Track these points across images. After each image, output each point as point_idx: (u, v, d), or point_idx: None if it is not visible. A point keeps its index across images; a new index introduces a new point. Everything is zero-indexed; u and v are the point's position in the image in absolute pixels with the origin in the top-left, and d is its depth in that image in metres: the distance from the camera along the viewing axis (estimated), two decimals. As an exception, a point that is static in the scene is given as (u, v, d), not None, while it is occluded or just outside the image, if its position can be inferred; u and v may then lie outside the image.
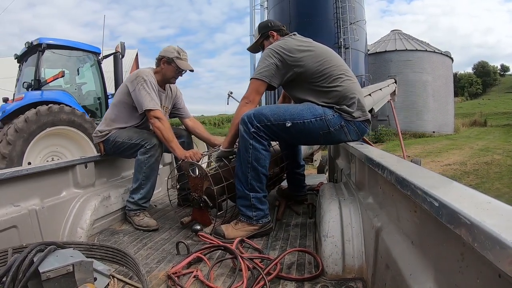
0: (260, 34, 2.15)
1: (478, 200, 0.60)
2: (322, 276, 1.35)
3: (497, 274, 0.46)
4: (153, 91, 2.24)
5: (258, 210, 1.85)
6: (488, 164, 9.42)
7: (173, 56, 2.31)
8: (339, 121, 1.82)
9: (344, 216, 1.42)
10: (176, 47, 2.36)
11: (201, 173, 1.97)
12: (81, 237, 1.91)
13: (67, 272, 1.12)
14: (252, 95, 1.90)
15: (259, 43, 2.18)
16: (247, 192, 1.84)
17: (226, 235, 1.81)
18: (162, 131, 2.18)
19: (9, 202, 1.62)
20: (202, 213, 2.01)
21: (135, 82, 2.24)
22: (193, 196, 2.02)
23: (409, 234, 0.87)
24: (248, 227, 1.85)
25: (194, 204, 2.03)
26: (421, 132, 17.63)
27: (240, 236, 1.79)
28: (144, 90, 2.21)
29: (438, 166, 9.63)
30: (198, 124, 2.71)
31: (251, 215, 1.84)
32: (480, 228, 0.46)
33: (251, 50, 2.29)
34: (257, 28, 2.21)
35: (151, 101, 2.20)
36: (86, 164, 2.20)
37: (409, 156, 10.61)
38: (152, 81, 2.26)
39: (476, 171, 8.74)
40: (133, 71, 2.51)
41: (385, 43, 19.42)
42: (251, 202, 1.84)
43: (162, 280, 1.40)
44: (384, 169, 0.97)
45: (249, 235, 1.84)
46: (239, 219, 1.88)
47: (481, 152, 11.49)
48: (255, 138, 1.79)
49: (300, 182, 2.54)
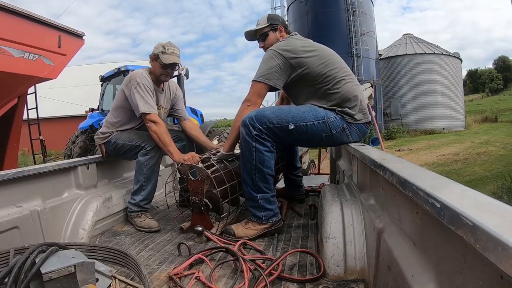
0: (268, 24, 2.06)
1: (480, 201, 0.59)
2: (323, 277, 1.35)
3: (499, 275, 0.45)
4: (147, 93, 2.19)
5: (267, 210, 1.84)
6: (479, 154, 9.83)
7: (158, 51, 2.22)
8: (341, 124, 1.81)
9: (346, 217, 1.41)
10: (163, 42, 2.26)
11: (202, 175, 1.95)
12: (82, 238, 1.91)
13: (69, 273, 1.12)
14: (254, 97, 1.88)
15: (262, 32, 2.08)
16: (254, 194, 1.83)
17: (236, 234, 1.82)
18: (158, 135, 2.14)
19: (11, 203, 1.63)
20: (203, 216, 1.99)
21: (130, 85, 2.20)
22: (193, 200, 1.99)
23: (411, 236, 0.87)
24: (258, 226, 1.85)
25: (195, 208, 2.00)
26: (431, 129, 18.57)
27: (251, 235, 1.81)
28: (138, 93, 2.16)
29: (434, 156, 10.17)
30: (195, 127, 2.65)
31: (260, 216, 1.84)
32: (482, 229, 0.46)
33: (249, 35, 2.17)
34: (265, 16, 2.10)
35: (145, 104, 2.16)
36: (88, 165, 2.20)
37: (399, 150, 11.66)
38: (145, 83, 2.20)
39: (466, 160, 9.19)
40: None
41: (396, 47, 20.60)
42: (259, 203, 1.84)
43: (163, 281, 1.40)
44: (386, 171, 0.96)
45: (260, 233, 1.84)
46: (249, 219, 1.88)
47: (479, 145, 11.82)
48: (257, 141, 1.77)
49: (298, 182, 2.54)
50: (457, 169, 8.03)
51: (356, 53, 16.21)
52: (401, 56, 19.51)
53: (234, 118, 1.99)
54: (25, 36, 3.48)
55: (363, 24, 16.34)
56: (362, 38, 16.23)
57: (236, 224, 1.90)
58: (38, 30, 3.64)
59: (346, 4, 16.29)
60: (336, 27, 16.42)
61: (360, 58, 16.20)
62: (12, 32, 3.33)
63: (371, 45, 16.96)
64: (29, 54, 3.56)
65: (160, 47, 2.23)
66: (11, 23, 3.32)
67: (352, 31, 16.28)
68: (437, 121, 19.02)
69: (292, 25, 17.85)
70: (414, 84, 18.92)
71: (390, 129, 17.37)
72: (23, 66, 3.52)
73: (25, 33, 3.48)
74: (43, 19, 3.68)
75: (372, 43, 17.33)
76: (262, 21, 2.10)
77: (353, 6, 16.20)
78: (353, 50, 16.19)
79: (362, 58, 16.23)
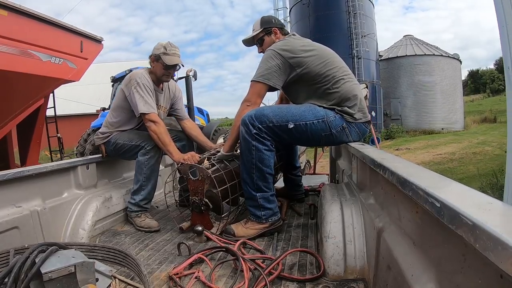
0: (262, 28, 2.06)
1: (479, 200, 0.59)
2: (323, 277, 1.35)
3: (498, 274, 0.46)
4: (147, 93, 2.19)
5: (266, 210, 1.84)
6: (475, 154, 9.93)
7: (160, 52, 2.23)
8: (341, 123, 1.81)
9: (346, 217, 1.41)
10: (164, 43, 2.27)
11: (202, 175, 1.94)
12: (82, 238, 1.91)
13: (69, 273, 1.12)
14: (253, 98, 1.88)
15: (258, 37, 2.09)
16: (253, 193, 1.83)
17: (236, 234, 1.82)
18: (158, 135, 2.14)
19: (10, 203, 1.63)
20: (203, 216, 1.98)
21: (129, 85, 2.21)
22: (193, 200, 1.98)
23: (411, 235, 0.87)
24: (257, 225, 1.85)
25: (195, 208, 1.99)
26: (430, 129, 18.71)
27: (250, 235, 1.81)
28: (137, 93, 2.16)
29: (430, 156, 10.28)
30: (194, 126, 2.65)
31: (259, 215, 1.84)
32: (481, 228, 0.46)
33: (247, 43, 2.17)
34: (258, 20, 2.10)
35: (145, 104, 2.16)
36: (88, 165, 2.20)
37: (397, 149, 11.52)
38: (145, 83, 2.20)
39: (461, 159, 9.31)
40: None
41: (397, 48, 20.72)
42: (259, 202, 1.84)
43: (163, 281, 1.40)
44: (386, 170, 0.96)
45: (259, 233, 1.84)
46: (249, 218, 1.88)
47: (476, 145, 11.88)
48: (257, 139, 1.77)
49: (297, 181, 2.54)
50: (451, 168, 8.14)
51: (356, 55, 16.61)
52: (401, 57, 19.66)
53: (234, 118, 1.99)
54: (52, 41, 3.71)
55: (363, 26, 16.75)
56: (362, 40, 16.62)
57: (235, 224, 1.90)
58: (63, 35, 3.89)
59: (347, 6, 16.71)
60: (338, 29, 16.80)
61: (360, 60, 16.60)
62: (41, 38, 3.55)
63: (371, 46, 17.35)
64: (55, 58, 3.79)
65: (161, 47, 2.23)
66: (40, 30, 3.53)
67: (353, 33, 16.70)
68: (436, 121, 19.17)
69: (295, 26, 18.32)
70: (413, 84, 19.11)
71: (390, 129, 17.54)
72: (50, 69, 3.76)
73: (52, 38, 3.71)
74: (67, 25, 3.90)
75: (373, 44, 17.71)
76: (256, 26, 2.10)
77: (354, 9, 16.61)
78: (353, 52, 16.60)
79: (362, 59, 16.64)
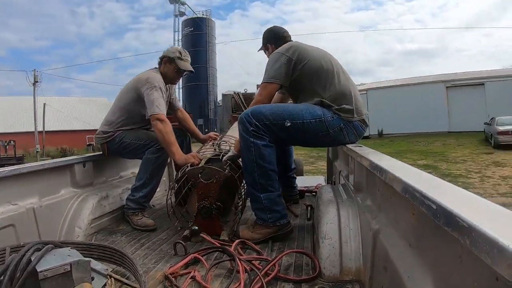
0: (263, 45, 2.24)
1: (476, 203, 0.60)
2: (319, 278, 1.35)
3: (494, 277, 0.46)
4: (161, 98, 2.21)
5: (272, 212, 1.77)
6: None
7: (174, 56, 2.32)
8: (338, 123, 1.82)
9: (342, 218, 1.42)
10: (179, 48, 2.41)
11: (218, 177, 1.84)
12: (78, 237, 1.91)
13: (65, 272, 1.12)
14: (266, 99, 1.89)
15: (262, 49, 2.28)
16: (257, 194, 1.77)
17: (241, 238, 1.77)
18: (163, 133, 2.11)
19: (6, 200, 1.62)
20: (211, 222, 1.87)
21: (145, 87, 2.21)
22: (203, 205, 1.85)
23: (407, 237, 0.87)
24: (264, 229, 1.78)
25: (203, 214, 1.86)
26: None
27: (256, 240, 1.76)
28: (152, 95, 2.17)
29: None
30: (186, 116, 2.72)
31: (265, 217, 1.77)
32: (477, 231, 0.47)
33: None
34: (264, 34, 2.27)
35: (158, 107, 2.16)
36: (85, 163, 2.19)
37: None
38: (162, 88, 2.25)
39: None
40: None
41: None
42: (264, 204, 1.77)
43: (159, 281, 1.39)
44: (382, 172, 0.97)
45: (266, 238, 1.78)
46: (256, 222, 1.82)
47: None
48: (255, 136, 1.75)
49: (292, 183, 2.54)
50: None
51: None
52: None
53: None
54: None
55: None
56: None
57: (243, 227, 1.86)
58: None
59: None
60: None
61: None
62: None
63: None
64: None
65: (176, 52, 2.36)
66: None
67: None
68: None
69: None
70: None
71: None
72: None
73: None
74: None
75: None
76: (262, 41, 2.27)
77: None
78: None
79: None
